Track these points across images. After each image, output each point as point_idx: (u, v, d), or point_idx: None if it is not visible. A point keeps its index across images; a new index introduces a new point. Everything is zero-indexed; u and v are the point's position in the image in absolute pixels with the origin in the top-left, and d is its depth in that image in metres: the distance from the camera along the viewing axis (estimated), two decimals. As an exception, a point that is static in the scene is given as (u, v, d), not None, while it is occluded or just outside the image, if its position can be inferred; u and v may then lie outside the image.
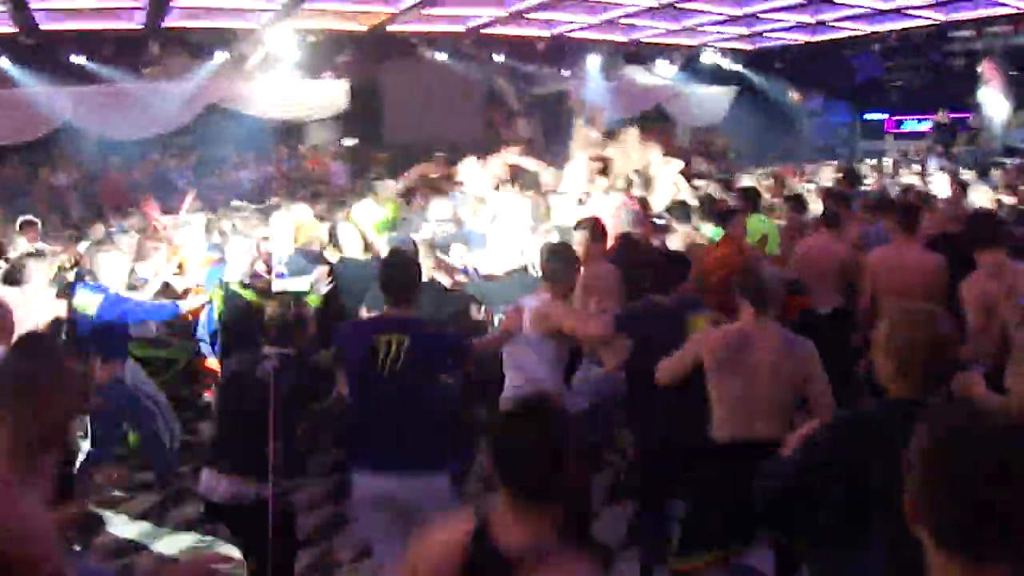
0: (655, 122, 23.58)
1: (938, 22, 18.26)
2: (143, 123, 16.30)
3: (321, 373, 5.09)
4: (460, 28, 17.87)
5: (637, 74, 22.51)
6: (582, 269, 5.64)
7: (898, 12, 17.13)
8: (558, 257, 5.27)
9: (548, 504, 2.37)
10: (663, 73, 22.40)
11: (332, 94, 18.53)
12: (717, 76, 22.76)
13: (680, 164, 12.09)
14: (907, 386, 2.80)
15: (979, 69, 19.76)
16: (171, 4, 13.75)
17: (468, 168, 11.80)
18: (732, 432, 4.45)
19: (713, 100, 23.17)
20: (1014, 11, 16.99)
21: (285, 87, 17.94)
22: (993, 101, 19.86)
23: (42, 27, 14.29)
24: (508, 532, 2.33)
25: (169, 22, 15.06)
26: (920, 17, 17.94)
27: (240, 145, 18.45)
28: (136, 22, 14.91)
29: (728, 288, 5.28)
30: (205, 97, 16.90)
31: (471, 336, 6.00)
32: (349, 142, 21.08)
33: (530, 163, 12.41)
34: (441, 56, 19.13)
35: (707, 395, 4.62)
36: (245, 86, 17.40)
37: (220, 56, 16.78)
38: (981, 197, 10.25)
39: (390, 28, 16.89)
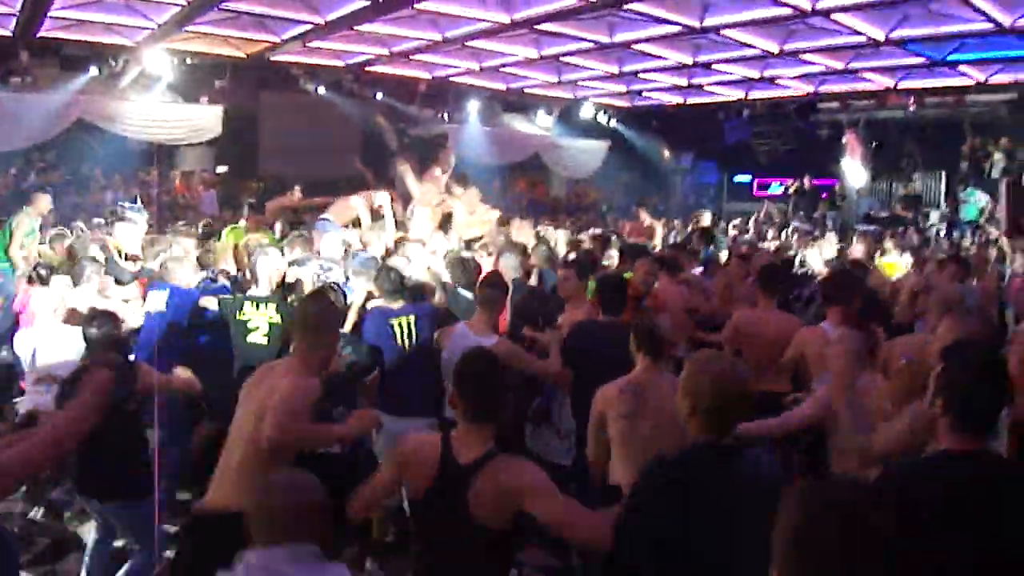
0: (531, 171, 23.96)
1: (806, 93, 19.10)
2: (6, 134, 15.63)
3: None
4: (341, 63, 17.79)
5: (516, 122, 22.78)
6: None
7: (769, 81, 17.83)
8: (494, 285, 6.07)
9: (488, 423, 3.48)
10: (541, 123, 22.74)
11: (207, 119, 18.10)
12: (594, 130, 23.22)
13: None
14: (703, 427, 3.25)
15: (843, 140, 20.79)
16: (45, 13, 13.26)
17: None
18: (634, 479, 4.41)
19: (588, 153, 23.61)
20: (877, 88, 17.91)
21: (158, 109, 17.45)
22: (853, 170, 20.92)
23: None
24: (462, 445, 3.44)
25: (42, 32, 14.50)
26: (790, 88, 18.73)
27: (107, 165, 17.90)
28: (6, 29, 14.33)
29: None
30: (74, 112, 16.28)
31: None
32: (221, 169, 20.70)
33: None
34: (320, 90, 18.98)
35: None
36: (117, 104, 16.85)
37: (92, 70, 16.23)
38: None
39: (271, 57, 16.69)
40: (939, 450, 2.91)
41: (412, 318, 6.39)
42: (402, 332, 6.35)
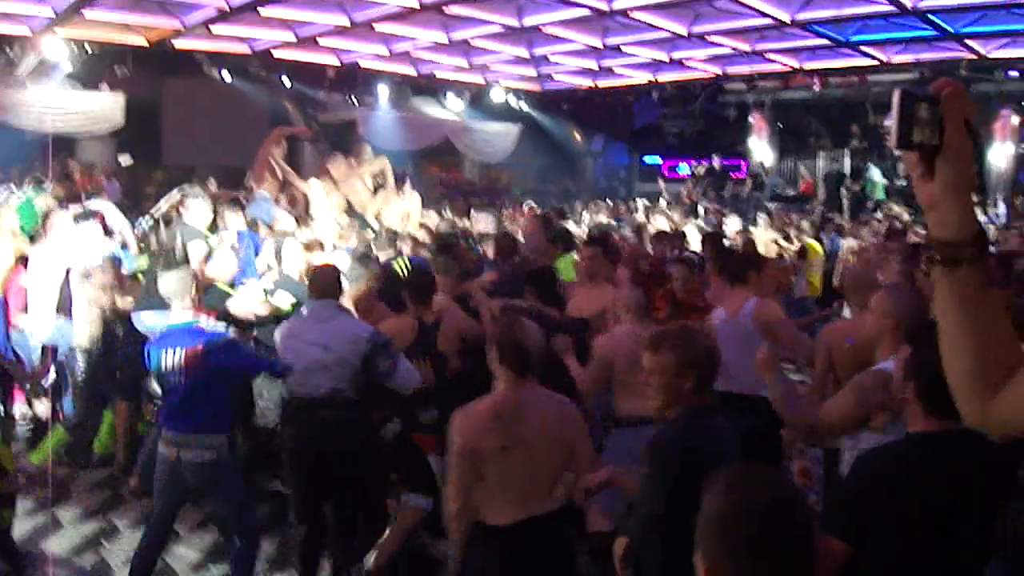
0: (443, 156, 23.87)
1: (714, 75, 19.35)
2: None
3: None
4: (247, 49, 17.45)
5: (426, 107, 22.66)
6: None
7: (678, 63, 18.02)
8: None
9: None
10: (452, 107, 22.66)
11: (108, 108, 17.58)
12: (505, 114, 23.23)
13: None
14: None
15: (750, 120, 21.15)
16: (-67, 1, 12.77)
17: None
18: (514, 516, 3.88)
19: (500, 136, 23.60)
20: (783, 69, 18.24)
21: (57, 98, 16.91)
22: (760, 150, 21.32)
23: None
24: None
25: (-70, 20, 13.96)
26: (697, 70, 18.97)
27: (4, 157, 17.26)
28: None
29: None
30: (-33, 104, 15.73)
31: None
32: (124, 160, 20.15)
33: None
34: (226, 76, 18.60)
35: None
36: (13, 93, 16.27)
37: (-13, 60, 15.66)
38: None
39: (175, 44, 16.29)
40: (918, 432, 2.93)
41: None
42: None
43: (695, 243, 11.26)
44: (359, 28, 15.03)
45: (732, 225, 13.24)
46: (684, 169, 23.63)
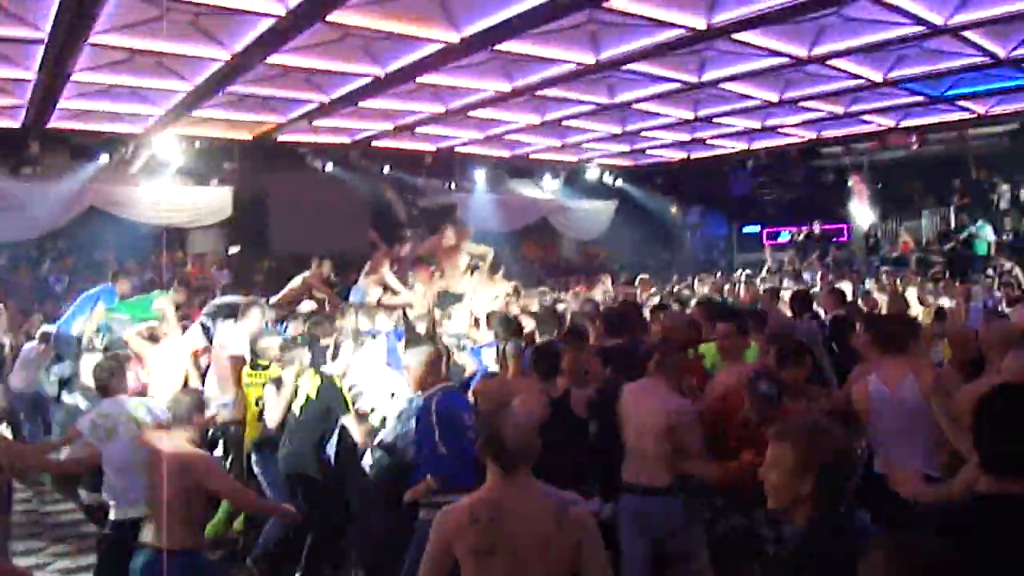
0: (540, 234, 24.09)
1: (808, 139, 19.22)
2: (20, 225, 15.86)
3: None
4: (347, 140, 18.01)
5: (522, 187, 22.97)
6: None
7: (771, 130, 17.97)
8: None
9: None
10: (547, 187, 22.92)
11: (217, 201, 18.35)
12: (599, 190, 23.40)
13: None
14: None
15: (848, 183, 20.87)
16: (55, 104, 13.53)
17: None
18: None
19: (595, 213, 23.76)
20: (878, 129, 18.02)
21: (168, 193, 17.71)
22: (861, 213, 20.97)
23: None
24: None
25: (51, 122, 14.79)
26: (791, 135, 18.87)
27: (120, 250, 18.06)
28: (17, 120, 14.61)
29: None
30: (85, 200, 16.57)
31: None
32: (233, 250, 20.86)
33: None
34: (328, 166, 19.21)
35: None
36: (127, 190, 17.11)
37: (102, 158, 16.51)
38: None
39: (278, 137, 16.92)
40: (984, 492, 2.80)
41: None
42: None
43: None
44: (454, 114, 15.41)
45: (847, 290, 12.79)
46: (785, 237, 23.32)
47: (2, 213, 15.56)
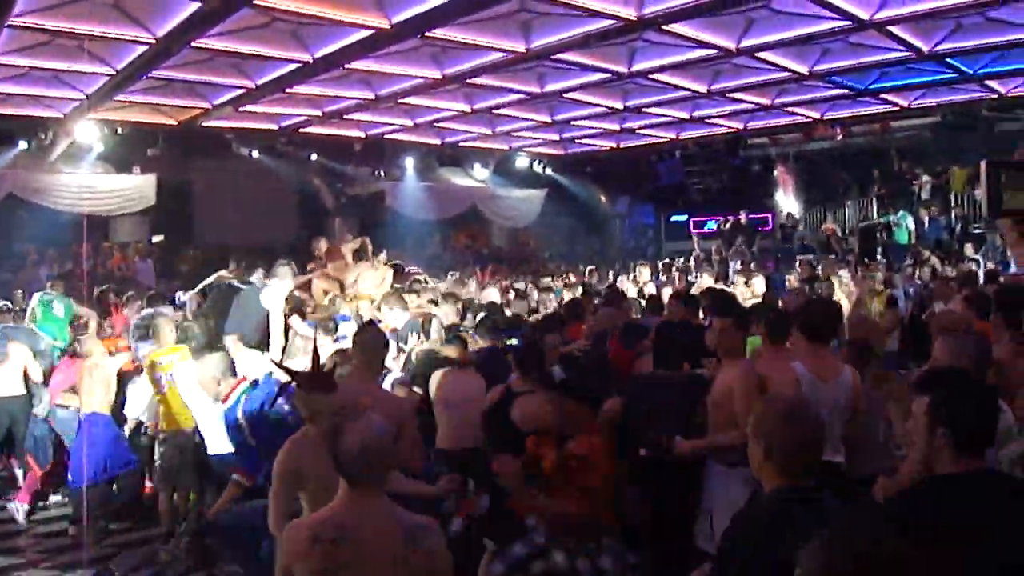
0: (471, 223, 24.07)
1: (736, 130, 19.46)
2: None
3: None
4: (274, 126, 17.76)
5: (452, 175, 22.91)
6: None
7: (699, 121, 18.15)
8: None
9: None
10: (478, 175, 22.89)
11: (140, 189, 17.95)
12: (530, 178, 23.43)
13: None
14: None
15: (774, 173, 21.20)
16: (-30, 90, 13.14)
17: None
18: None
19: (526, 202, 23.79)
20: (803, 120, 18.32)
21: (90, 180, 17.29)
22: (786, 203, 21.34)
23: None
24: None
25: (-33, 108, 14.36)
26: (719, 126, 19.08)
27: (39, 239, 17.60)
28: (-69, 106, 14.18)
29: None
30: (3, 187, 16.08)
31: None
32: (157, 239, 20.48)
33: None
34: (255, 153, 18.93)
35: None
36: (47, 177, 16.66)
37: (21, 144, 16.04)
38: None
39: (204, 123, 16.61)
40: (948, 473, 2.85)
41: None
42: None
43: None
44: (384, 101, 15.28)
45: (759, 286, 12.92)
46: (711, 226, 23.59)
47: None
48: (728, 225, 21.21)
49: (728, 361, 5.34)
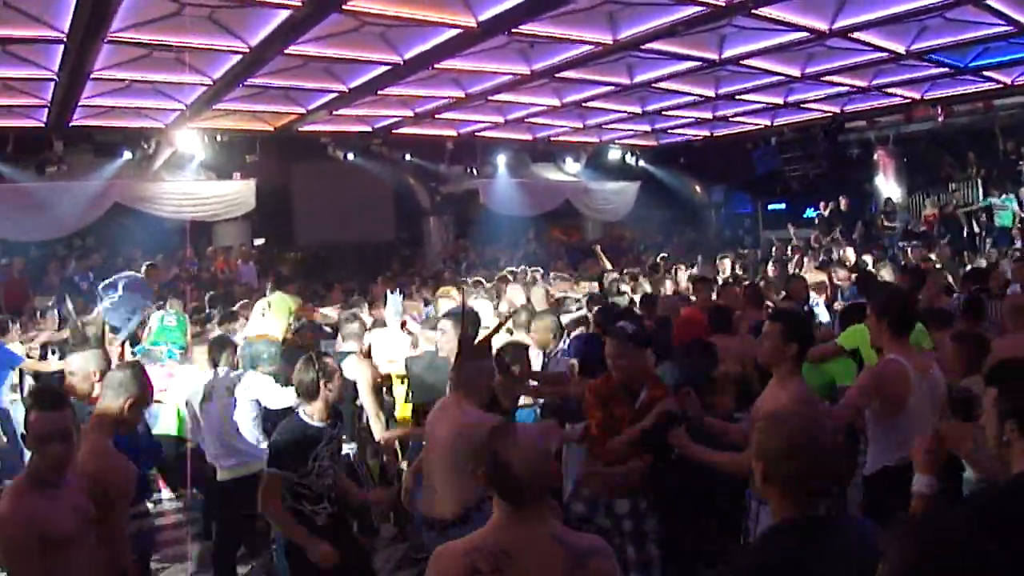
0: (564, 218, 24.05)
1: (832, 114, 19.04)
2: (45, 224, 15.97)
3: None
4: (368, 128, 18.02)
5: (544, 171, 22.91)
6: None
7: (794, 106, 17.80)
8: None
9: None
10: (570, 170, 22.86)
11: (240, 194, 18.40)
12: (622, 171, 23.29)
13: None
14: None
15: (874, 157, 20.65)
16: (76, 103, 13.61)
17: None
18: None
19: (619, 195, 23.66)
20: (902, 102, 17.80)
21: (192, 187, 17.80)
22: (887, 187, 20.76)
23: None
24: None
25: (74, 121, 14.88)
26: (815, 111, 18.69)
27: (146, 246, 18.17)
28: (39, 120, 14.72)
29: None
30: (110, 197, 16.64)
31: None
32: (258, 242, 20.96)
33: None
34: (350, 155, 19.25)
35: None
36: (151, 186, 17.20)
37: (126, 155, 16.61)
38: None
39: (299, 128, 16.96)
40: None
41: None
42: None
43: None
44: (474, 99, 15.36)
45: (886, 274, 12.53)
46: (810, 214, 23.10)
47: (28, 213, 15.64)
48: (827, 212, 20.71)
49: (778, 377, 4.66)
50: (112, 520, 3.99)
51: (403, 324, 9.46)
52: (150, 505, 9.00)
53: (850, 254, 14.96)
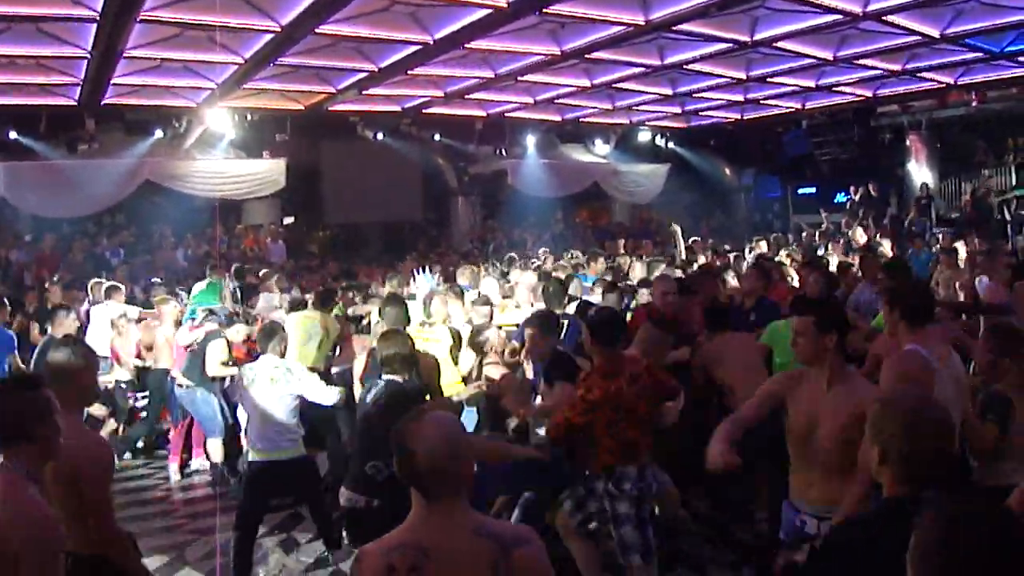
0: (593, 200, 23.99)
1: (865, 98, 18.86)
2: (77, 201, 16.14)
3: None
4: (397, 108, 18.03)
5: (574, 152, 22.85)
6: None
7: (826, 90, 17.65)
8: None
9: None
10: (599, 151, 22.77)
11: (271, 173, 18.49)
12: (652, 154, 23.20)
13: None
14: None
15: (906, 142, 20.43)
16: (108, 81, 13.70)
17: None
18: None
19: (649, 177, 23.54)
20: (936, 86, 17.59)
21: (222, 165, 17.91)
22: (919, 172, 20.54)
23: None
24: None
25: (106, 99, 15.00)
26: (847, 94, 18.51)
27: (176, 223, 18.33)
28: (72, 98, 14.85)
29: None
30: (141, 175, 16.79)
31: None
32: (288, 221, 21.06)
33: None
34: (380, 135, 19.28)
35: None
36: (182, 164, 17.32)
37: (157, 133, 16.76)
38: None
39: (329, 107, 16.99)
40: None
41: None
42: None
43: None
44: (504, 80, 15.32)
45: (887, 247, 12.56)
46: (841, 198, 22.90)
47: (60, 190, 15.81)
48: (858, 197, 20.51)
49: (822, 375, 4.35)
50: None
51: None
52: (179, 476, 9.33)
53: (859, 235, 14.91)
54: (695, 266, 12.69)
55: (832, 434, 4.06)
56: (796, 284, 10.41)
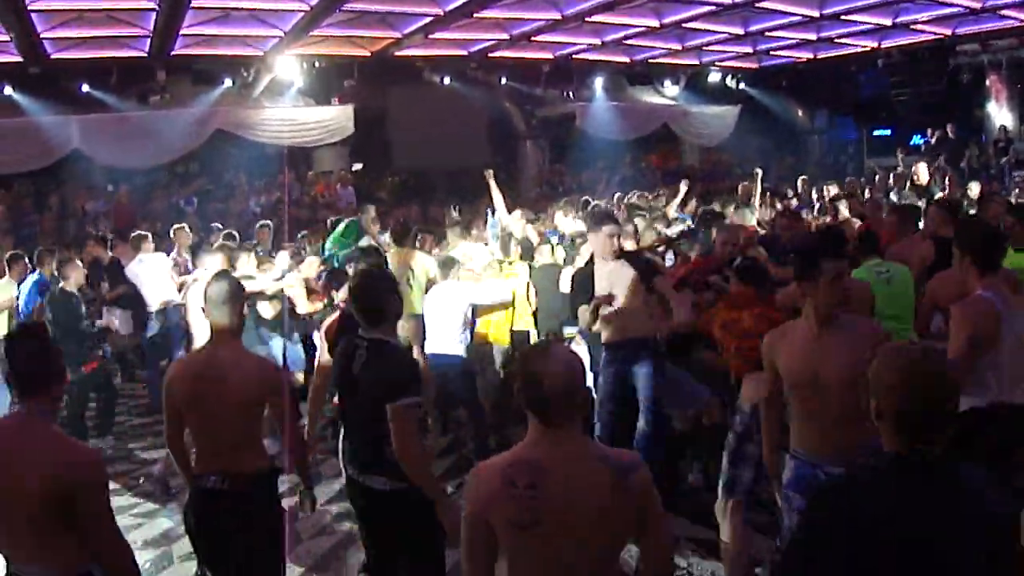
0: (662, 142, 23.72)
1: (943, 36, 18.29)
2: (150, 151, 16.39)
3: None
4: (464, 52, 17.94)
5: (642, 94, 22.57)
6: None
7: (903, 28, 17.14)
8: None
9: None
10: (668, 93, 22.47)
11: (339, 119, 18.57)
12: (722, 95, 22.81)
13: None
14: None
15: (986, 83, 19.81)
16: (177, 32, 13.84)
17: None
18: None
19: (718, 119, 23.17)
20: (1018, 25, 17.00)
21: (292, 113, 18.04)
22: (1000, 114, 19.93)
23: (49, 56, 14.46)
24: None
25: (175, 50, 15.16)
26: (925, 32, 17.96)
27: (248, 171, 18.57)
28: (142, 50, 15.03)
29: None
30: (211, 124, 16.99)
31: None
32: (357, 167, 21.19)
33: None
34: (446, 80, 19.23)
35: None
36: (251, 113, 17.49)
37: (226, 83, 16.95)
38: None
39: (396, 52, 16.97)
40: None
41: None
42: None
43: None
44: (571, 21, 15.15)
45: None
46: (917, 140, 22.32)
47: (133, 141, 16.06)
48: (934, 139, 19.96)
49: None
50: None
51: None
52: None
53: (923, 173, 14.57)
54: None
55: (838, 375, 3.93)
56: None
